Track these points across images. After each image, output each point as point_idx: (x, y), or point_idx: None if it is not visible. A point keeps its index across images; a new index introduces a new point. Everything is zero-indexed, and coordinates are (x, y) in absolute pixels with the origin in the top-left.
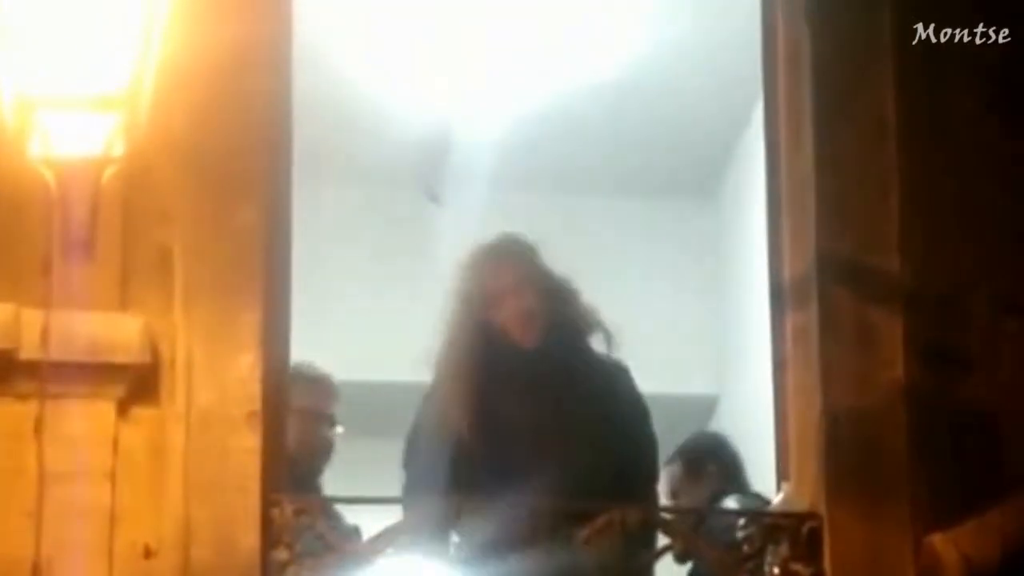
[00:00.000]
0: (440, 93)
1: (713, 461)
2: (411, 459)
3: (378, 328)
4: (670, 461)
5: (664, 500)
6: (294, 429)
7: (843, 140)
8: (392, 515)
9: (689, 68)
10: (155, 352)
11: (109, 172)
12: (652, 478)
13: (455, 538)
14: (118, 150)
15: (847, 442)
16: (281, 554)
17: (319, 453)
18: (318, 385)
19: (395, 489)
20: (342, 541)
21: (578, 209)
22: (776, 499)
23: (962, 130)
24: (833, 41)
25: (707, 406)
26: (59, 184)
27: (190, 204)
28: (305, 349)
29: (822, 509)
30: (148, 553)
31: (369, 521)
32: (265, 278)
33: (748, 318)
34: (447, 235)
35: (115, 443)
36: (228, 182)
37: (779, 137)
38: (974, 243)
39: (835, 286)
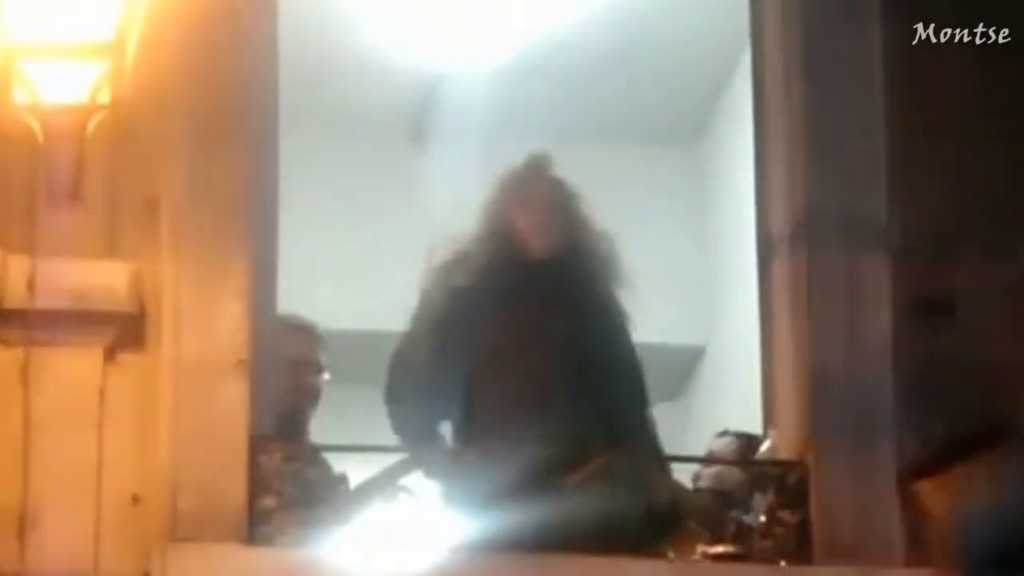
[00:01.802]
0: (427, 40)
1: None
2: (399, 386)
3: (364, 278)
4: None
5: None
6: (282, 378)
7: (832, 89)
8: (378, 464)
9: (676, 14)
10: (142, 300)
11: (95, 120)
12: (645, 419)
13: (447, 484)
14: (104, 98)
15: (833, 391)
16: (268, 501)
17: (306, 400)
18: (303, 333)
19: (381, 438)
20: (330, 489)
21: (563, 156)
22: (763, 447)
23: (952, 81)
24: None
25: (694, 356)
26: (45, 132)
27: (177, 152)
28: (290, 298)
29: (808, 458)
30: (135, 501)
31: (355, 470)
32: (252, 226)
33: (735, 268)
34: (434, 182)
35: (102, 391)
36: (215, 130)
37: (767, 86)
38: (962, 194)
39: (823, 236)
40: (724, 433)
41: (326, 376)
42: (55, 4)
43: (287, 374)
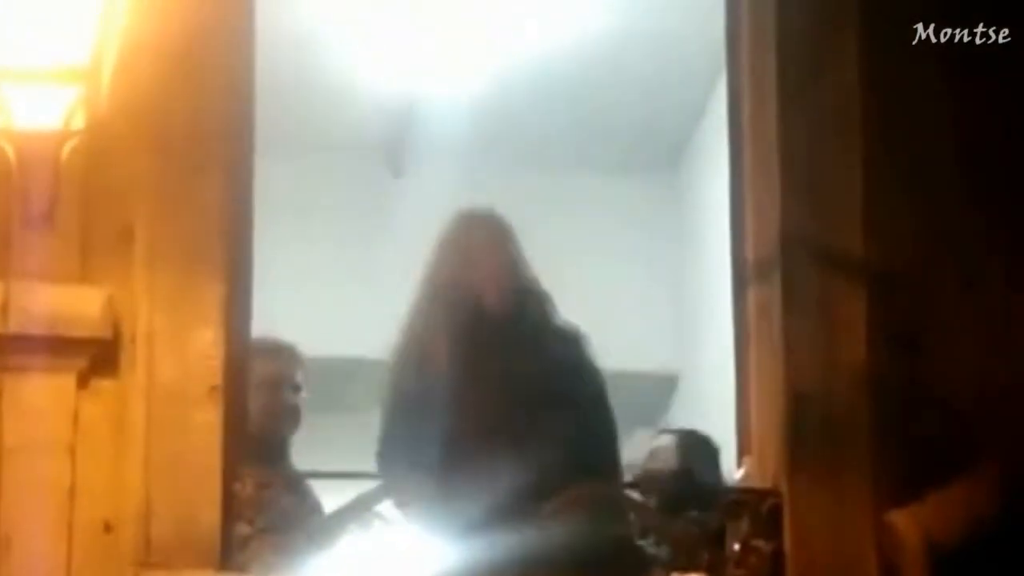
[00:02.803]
0: (404, 67)
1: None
2: (386, 429)
3: (340, 303)
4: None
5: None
6: (260, 398)
7: (808, 118)
8: (355, 491)
9: (652, 44)
10: (116, 325)
11: (70, 145)
12: (614, 449)
13: (422, 514)
14: (79, 123)
15: (808, 420)
16: (243, 529)
17: (286, 420)
18: (281, 353)
19: (358, 464)
20: (304, 516)
21: (539, 185)
22: (737, 475)
23: (927, 110)
24: (798, 18)
25: (669, 383)
26: (19, 157)
27: (151, 177)
28: (266, 324)
29: (783, 486)
30: (108, 528)
31: (333, 497)
32: (227, 252)
33: (710, 296)
34: (410, 208)
35: (75, 417)
36: (190, 155)
37: (742, 114)
38: (937, 224)
39: (798, 264)
40: (663, 432)
41: (304, 395)
42: (30, 28)
43: (264, 394)
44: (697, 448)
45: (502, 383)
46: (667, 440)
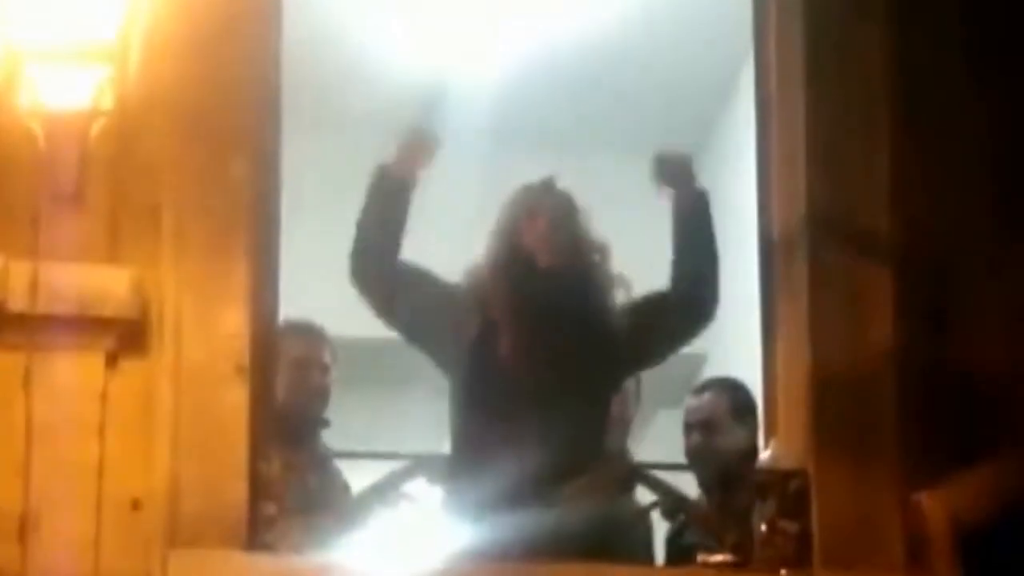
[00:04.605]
0: (430, 48)
1: (755, 413)
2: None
3: None
4: (706, 388)
5: (696, 424)
6: (288, 379)
7: (834, 98)
8: (382, 470)
9: (680, 23)
10: (144, 305)
11: (98, 125)
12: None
13: (444, 494)
14: (107, 103)
15: (835, 400)
16: (269, 508)
17: (315, 401)
18: (309, 334)
19: (385, 444)
20: (332, 496)
21: (565, 167)
22: (763, 456)
23: (953, 91)
24: None
25: (695, 364)
26: (47, 137)
27: (179, 157)
28: (294, 303)
29: (809, 466)
30: (136, 506)
31: (361, 476)
32: (255, 232)
33: (736, 275)
34: (437, 188)
35: (104, 396)
36: (218, 135)
37: (770, 94)
38: (964, 203)
39: (825, 245)
40: (705, 387)
41: (332, 375)
42: (58, 8)
43: (293, 374)
44: (743, 405)
45: (540, 355)
46: (709, 399)
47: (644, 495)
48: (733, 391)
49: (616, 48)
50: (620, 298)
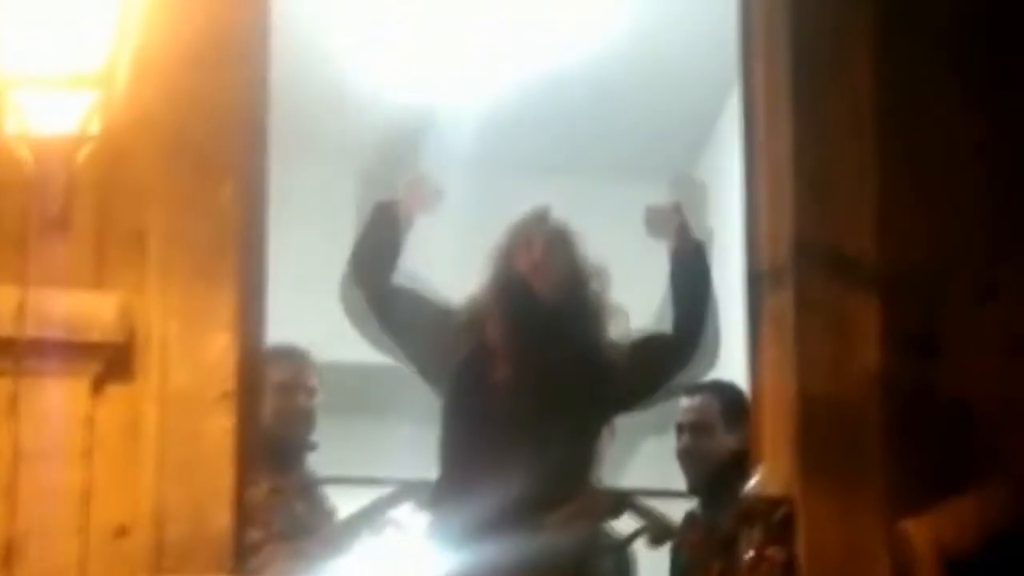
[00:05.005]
0: (419, 75)
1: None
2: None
3: None
4: (699, 389)
5: (687, 425)
6: (274, 403)
7: (822, 123)
8: (369, 496)
9: (666, 51)
10: (130, 331)
11: (85, 150)
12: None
13: (431, 520)
14: (94, 128)
15: (821, 427)
16: (255, 534)
17: (301, 425)
18: (294, 358)
19: (373, 470)
20: (318, 521)
21: (553, 190)
22: (750, 483)
23: (941, 116)
24: (812, 22)
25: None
26: (35, 162)
27: (166, 183)
28: (280, 330)
29: (796, 493)
30: (122, 531)
31: (347, 502)
32: (241, 259)
33: (723, 300)
34: (428, 215)
35: (90, 421)
36: (204, 161)
37: (756, 121)
38: (951, 229)
39: (811, 271)
40: (697, 388)
41: (318, 400)
42: (46, 34)
43: (278, 399)
44: (736, 407)
45: (533, 381)
46: (702, 401)
47: (629, 524)
48: (725, 393)
49: (605, 75)
50: (618, 328)
